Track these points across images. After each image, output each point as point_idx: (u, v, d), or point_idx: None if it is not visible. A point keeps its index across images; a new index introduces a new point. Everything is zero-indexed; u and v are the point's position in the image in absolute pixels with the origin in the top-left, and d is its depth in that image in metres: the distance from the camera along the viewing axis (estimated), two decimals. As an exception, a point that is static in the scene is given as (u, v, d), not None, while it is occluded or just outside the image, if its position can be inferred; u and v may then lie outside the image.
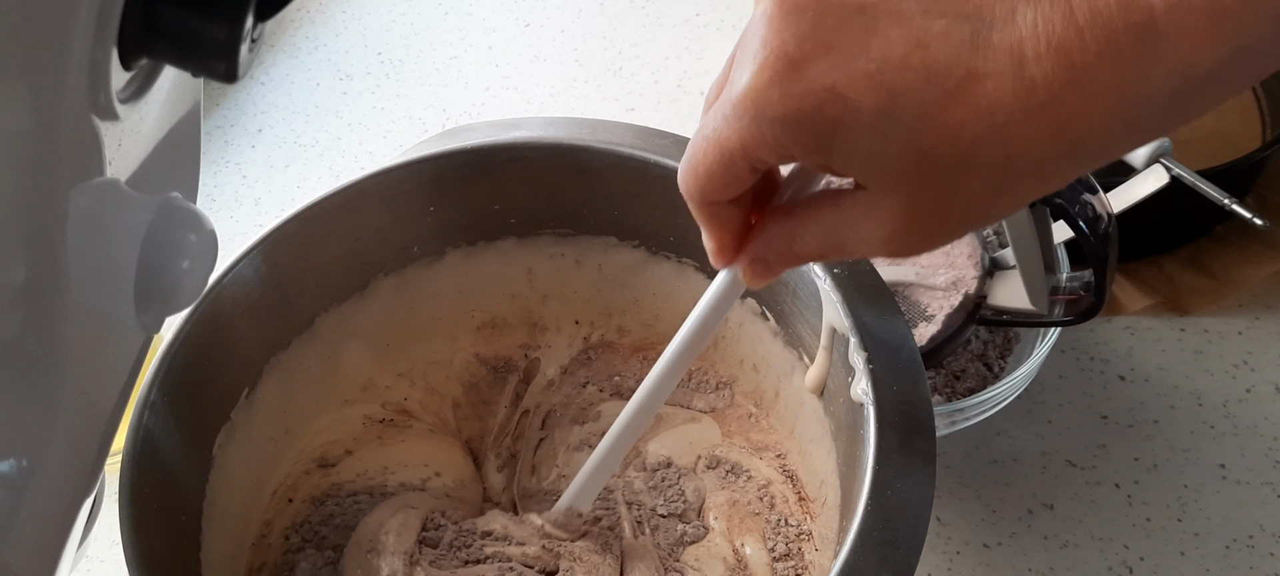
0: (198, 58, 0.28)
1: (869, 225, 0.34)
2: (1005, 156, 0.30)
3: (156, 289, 0.31)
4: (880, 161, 0.32)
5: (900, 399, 0.46)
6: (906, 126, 0.30)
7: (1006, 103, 0.29)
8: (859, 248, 0.35)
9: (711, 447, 0.59)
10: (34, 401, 0.29)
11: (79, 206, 0.28)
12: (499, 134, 0.57)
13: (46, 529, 0.31)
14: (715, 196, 0.37)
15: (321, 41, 0.98)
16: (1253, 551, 0.60)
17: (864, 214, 0.34)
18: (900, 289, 0.61)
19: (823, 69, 0.31)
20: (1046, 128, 0.30)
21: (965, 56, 0.30)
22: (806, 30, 0.31)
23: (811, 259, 0.38)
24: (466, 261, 0.60)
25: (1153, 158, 0.67)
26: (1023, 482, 0.63)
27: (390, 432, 0.60)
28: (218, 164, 0.88)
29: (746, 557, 0.54)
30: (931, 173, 0.31)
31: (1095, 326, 0.70)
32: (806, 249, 0.37)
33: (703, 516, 0.56)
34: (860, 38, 0.31)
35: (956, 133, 0.30)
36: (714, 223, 0.39)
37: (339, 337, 0.58)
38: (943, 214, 0.33)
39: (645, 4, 0.98)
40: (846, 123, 0.31)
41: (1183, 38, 0.28)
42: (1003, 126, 0.30)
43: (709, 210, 0.38)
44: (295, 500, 0.56)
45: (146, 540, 0.44)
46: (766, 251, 0.39)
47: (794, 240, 0.37)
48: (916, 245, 0.34)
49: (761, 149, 0.33)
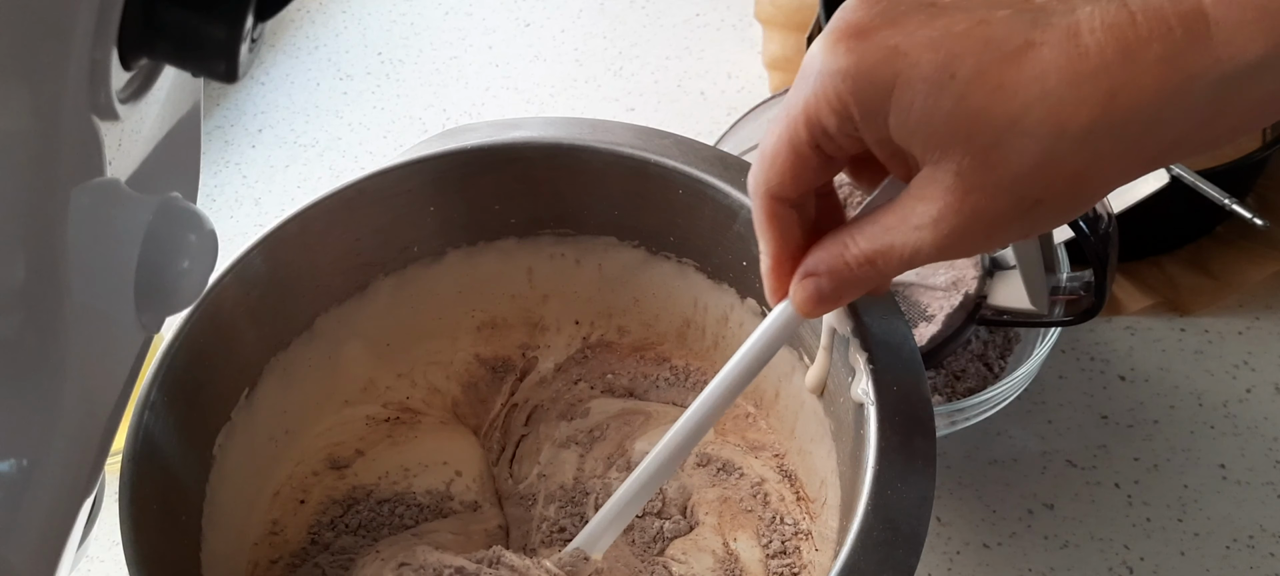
0: (198, 57, 0.28)
1: (918, 206, 0.34)
2: (1055, 123, 0.31)
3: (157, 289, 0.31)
4: (933, 118, 0.33)
5: (900, 399, 0.46)
6: (960, 83, 0.32)
7: (1059, 66, 0.31)
8: (909, 236, 0.35)
9: (701, 445, 0.59)
10: (34, 401, 0.29)
11: (79, 206, 0.28)
12: (499, 134, 0.57)
13: (47, 528, 0.31)
14: (779, 182, 0.37)
15: (321, 41, 0.98)
16: (1253, 551, 0.60)
17: (914, 197, 0.35)
18: (900, 289, 0.61)
19: (888, 34, 0.33)
20: (1097, 95, 0.31)
21: (1024, 30, 0.31)
22: (879, 10, 0.33)
23: (860, 265, 0.37)
24: (467, 261, 0.60)
25: (1153, 158, 0.67)
26: (1023, 482, 0.63)
27: (399, 431, 0.60)
28: (218, 164, 0.88)
29: (738, 553, 0.54)
30: (982, 133, 0.32)
31: (1095, 326, 0.70)
32: (856, 250, 0.37)
33: (690, 514, 0.56)
34: (927, 17, 0.33)
35: (1008, 94, 0.31)
36: (773, 225, 0.39)
37: (339, 337, 0.58)
38: (991, 188, 0.33)
39: (645, 4, 0.98)
40: (905, 78, 0.32)
41: (1231, 27, 0.30)
42: (1053, 90, 0.31)
43: (771, 209, 0.38)
44: (309, 502, 0.56)
45: (147, 540, 0.44)
46: (816, 262, 0.39)
47: (845, 246, 0.38)
48: (965, 228, 0.34)
49: (822, 108, 0.34)
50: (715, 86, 0.90)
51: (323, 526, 0.56)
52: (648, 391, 0.62)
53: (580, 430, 0.60)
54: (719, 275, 0.58)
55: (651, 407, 0.61)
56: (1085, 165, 0.32)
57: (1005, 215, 0.34)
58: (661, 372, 0.62)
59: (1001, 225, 0.34)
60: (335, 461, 0.58)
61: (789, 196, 0.38)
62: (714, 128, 0.82)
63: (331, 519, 0.56)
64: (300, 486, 0.57)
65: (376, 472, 0.58)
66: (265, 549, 0.55)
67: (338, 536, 0.55)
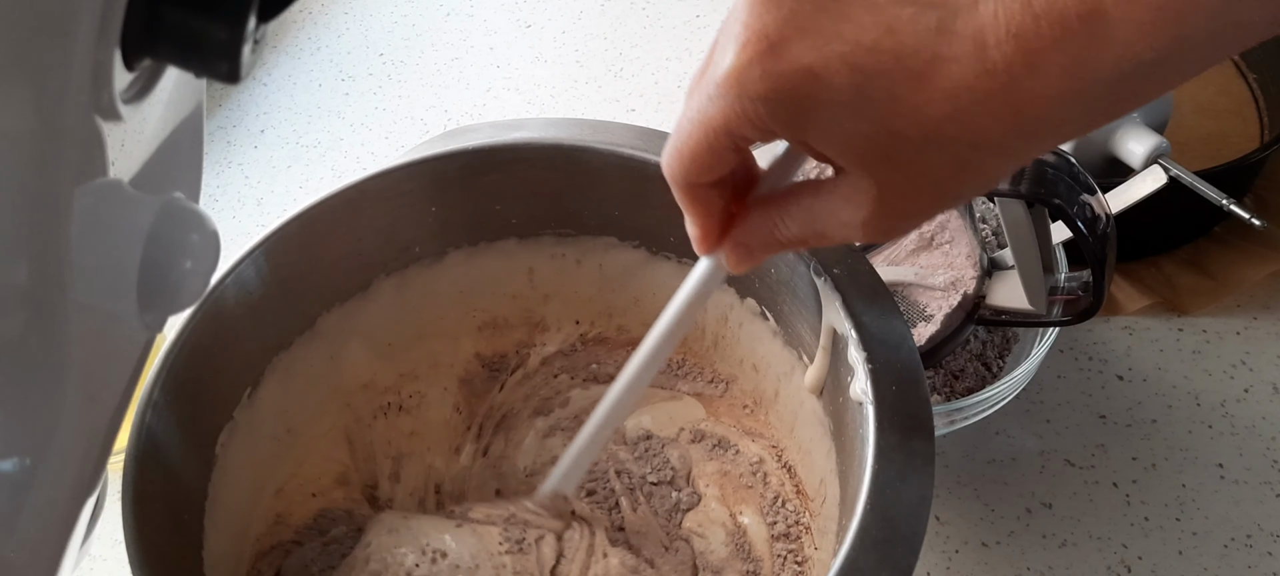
0: (200, 58, 0.28)
1: (847, 208, 0.36)
2: (969, 136, 0.32)
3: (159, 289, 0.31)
4: (853, 140, 0.33)
5: (899, 398, 0.46)
6: (877, 107, 0.32)
7: (970, 84, 0.31)
8: (838, 231, 0.37)
9: (695, 422, 0.60)
10: (37, 401, 0.29)
11: (82, 206, 0.28)
12: (500, 135, 0.57)
13: (49, 528, 0.31)
14: (698, 177, 0.38)
15: (324, 42, 0.98)
16: (1250, 550, 0.60)
17: (842, 198, 0.36)
18: (899, 289, 0.61)
19: (800, 50, 0.32)
20: (1006, 109, 0.31)
21: (931, 42, 0.31)
22: (785, 14, 0.33)
23: (793, 245, 0.39)
24: (468, 261, 0.61)
25: (1151, 158, 0.67)
26: (1021, 482, 0.64)
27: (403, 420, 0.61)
28: (220, 164, 0.88)
29: (745, 527, 0.55)
30: (901, 151, 0.33)
31: (1093, 326, 0.70)
32: (788, 234, 0.39)
33: (693, 483, 0.57)
34: (834, 23, 0.32)
35: (923, 113, 0.32)
36: (697, 206, 0.40)
37: (341, 337, 0.58)
38: (914, 193, 0.34)
39: (646, 5, 0.98)
40: (822, 101, 0.33)
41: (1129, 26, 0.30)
42: (966, 108, 0.31)
43: (692, 193, 0.39)
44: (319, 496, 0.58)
45: (149, 539, 0.44)
46: (749, 237, 0.40)
47: (776, 226, 0.39)
48: (892, 226, 0.36)
49: (744, 125, 0.35)
50: (715, 87, 0.90)
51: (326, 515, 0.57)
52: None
53: (563, 418, 0.61)
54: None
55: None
56: (1000, 165, 0.33)
57: (928, 209, 0.36)
58: None
59: (926, 215, 0.36)
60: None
61: (708, 182, 0.39)
62: (714, 128, 0.83)
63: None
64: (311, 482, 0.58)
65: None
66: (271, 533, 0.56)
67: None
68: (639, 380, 0.49)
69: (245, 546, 0.54)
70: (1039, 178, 0.53)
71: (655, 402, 0.61)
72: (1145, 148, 0.67)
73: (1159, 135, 0.68)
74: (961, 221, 0.61)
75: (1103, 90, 0.31)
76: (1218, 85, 0.80)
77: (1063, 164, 0.53)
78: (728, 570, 0.54)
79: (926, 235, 0.61)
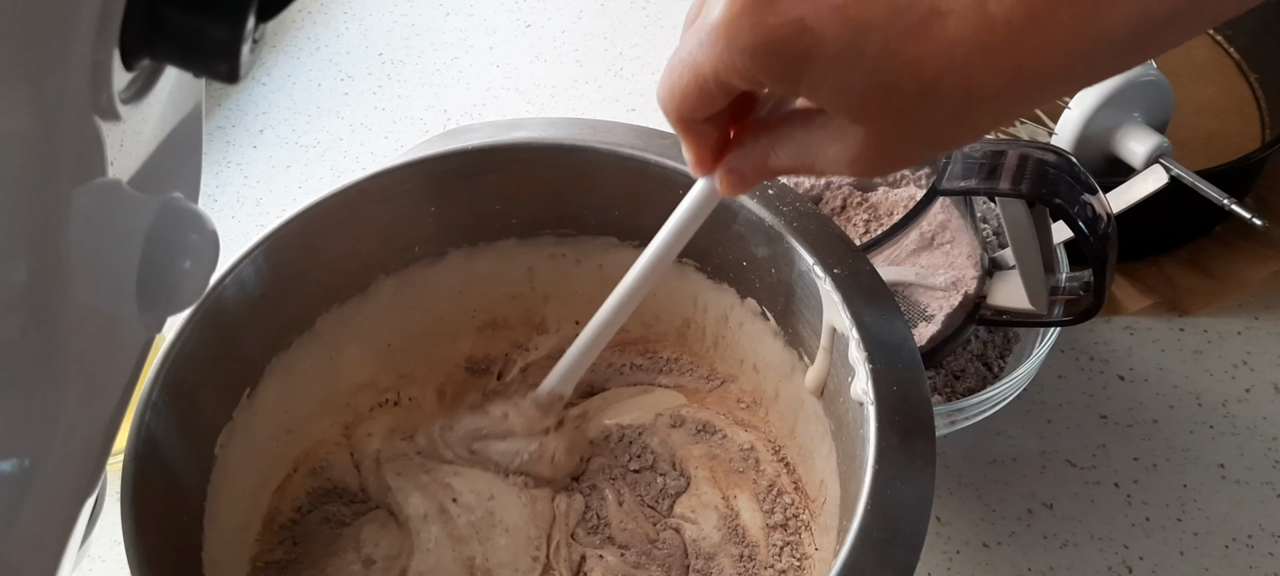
0: (199, 58, 0.28)
1: (836, 147, 0.36)
2: (965, 90, 0.31)
3: (158, 289, 0.31)
4: (845, 92, 0.33)
5: (900, 399, 0.46)
6: (870, 60, 0.32)
7: (967, 38, 0.31)
8: (827, 166, 0.37)
9: (674, 408, 0.60)
10: (36, 401, 0.29)
11: (81, 206, 0.28)
12: (500, 134, 0.57)
13: (49, 528, 0.31)
14: (691, 115, 0.38)
15: (323, 42, 0.98)
16: (1252, 551, 0.60)
17: (832, 137, 0.36)
18: (900, 289, 0.61)
19: (792, 2, 0.32)
20: (1005, 64, 0.31)
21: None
22: None
23: (783, 172, 0.40)
24: (467, 262, 0.61)
25: (1152, 158, 0.67)
26: (1022, 482, 0.63)
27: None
28: (219, 164, 0.88)
29: (738, 511, 0.55)
30: (894, 104, 0.33)
31: (1094, 326, 0.70)
32: (779, 164, 0.39)
33: (681, 468, 0.57)
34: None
35: (918, 67, 0.31)
36: (692, 137, 0.40)
37: (340, 338, 0.58)
38: (905, 140, 0.34)
39: (646, 5, 0.98)
40: (814, 54, 0.32)
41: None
42: (963, 62, 0.31)
43: (686, 126, 0.40)
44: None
45: (148, 539, 0.44)
46: (742, 164, 0.41)
47: (768, 155, 0.39)
48: (881, 167, 0.36)
49: (732, 75, 0.35)
50: (715, 87, 0.90)
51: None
52: (609, 380, 0.63)
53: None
54: (719, 275, 0.58)
55: (616, 387, 0.63)
56: (994, 118, 0.33)
57: (917, 156, 0.36)
58: (630, 359, 0.63)
59: (913, 161, 0.36)
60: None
61: (702, 118, 0.39)
62: (714, 128, 0.82)
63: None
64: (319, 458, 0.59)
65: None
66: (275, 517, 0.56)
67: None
68: (637, 287, 0.50)
69: (245, 546, 0.54)
70: (1040, 177, 0.53)
71: (625, 398, 0.61)
72: (1146, 147, 0.67)
73: (1160, 135, 0.68)
74: (962, 221, 0.61)
75: (1112, 48, 0.30)
76: (1219, 85, 0.79)
77: (1064, 164, 0.53)
78: (721, 555, 0.54)
79: (927, 235, 0.61)
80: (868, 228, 0.64)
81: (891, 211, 0.64)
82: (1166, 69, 0.69)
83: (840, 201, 0.66)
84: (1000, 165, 0.53)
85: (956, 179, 0.55)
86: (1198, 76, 0.79)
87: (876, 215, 0.65)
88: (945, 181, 0.55)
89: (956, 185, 0.55)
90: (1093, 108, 0.67)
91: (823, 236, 0.52)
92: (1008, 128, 0.76)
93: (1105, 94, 0.67)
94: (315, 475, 0.57)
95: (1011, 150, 0.54)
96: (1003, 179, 0.53)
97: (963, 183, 0.54)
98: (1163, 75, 0.69)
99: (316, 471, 0.58)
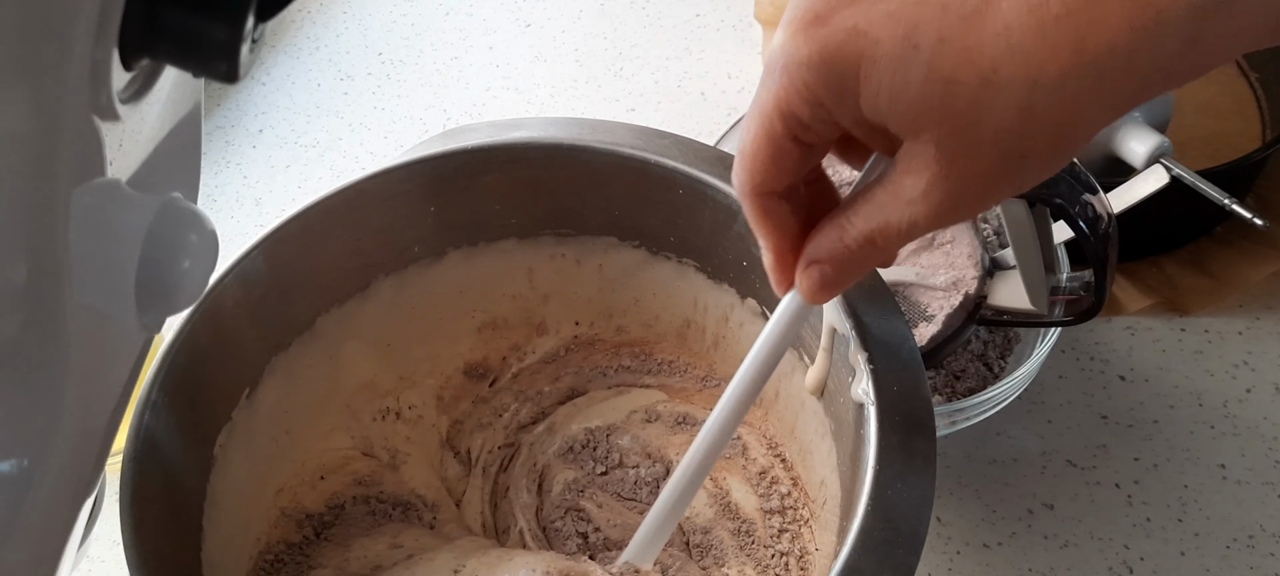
0: (199, 58, 0.28)
1: (907, 181, 0.34)
2: (1027, 75, 0.30)
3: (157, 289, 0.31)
4: (904, 93, 0.32)
5: (901, 399, 0.46)
6: (925, 54, 0.31)
7: (1021, 18, 0.30)
8: (902, 211, 0.35)
9: (649, 404, 0.60)
10: (35, 402, 0.29)
11: (80, 207, 0.28)
12: (500, 134, 0.57)
13: (47, 529, 0.31)
14: (763, 180, 0.37)
15: (322, 42, 0.98)
16: (1253, 551, 0.60)
17: (902, 172, 0.34)
18: (900, 289, 0.61)
19: (846, 15, 0.32)
20: (1065, 41, 0.30)
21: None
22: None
23: (860, 246, 0.37)
24: (467, 262, 0.60)
25: (1153, 158, 0.67)
26: (1023, 482, 0.63)
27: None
28: (219, 164, 0.88)
29: (729, 490, 0.55)
30: (955, 99, 0.31)
31: (1095, 326, 0.70)
32: (854, 232, 0.37)
33: (659, 456, 0.58)
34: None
35: (975, 55, 0.31)
36: (767, 222, 0.38)
37: (340, 338, 0.58)
38: (977, 149, 0.32)
39: (646, 5, 0.98)
40: (869, 57, 0.32)
41: None
42: (1019, 44, 0.30)
43: (761, 204, 0.38)
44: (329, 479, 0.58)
45: (147, 540, 0.44)
46: (817, 250, 0.38)
47: (843, 230, 0.37)
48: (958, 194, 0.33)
49: (793, 100, 0.34)
50: (715, 87, 0.90)
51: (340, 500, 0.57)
52: (591, 382, 0.63)
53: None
54: (719, 275, 0.58)
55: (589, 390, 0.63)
56: (1065, 112, 0.31)
57: (993, 175, 0.33)
58: (620, 361, 0.63)
59: (992, 185, 0.34)
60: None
61: (776, 189, 0.37)
62: (714, 128, 0.83)
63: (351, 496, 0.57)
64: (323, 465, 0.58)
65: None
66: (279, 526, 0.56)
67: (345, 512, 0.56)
68: (719, 439, 0.46)
69: (244, 547, 0.54)
70: (1041, 177, 0.52)
71: (598, 402, 0.61)
72: (1147, 147, 0.67)
73: (1161, 134, 0.67)
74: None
75: (1176, 24, 0.29)
76: (1219, 84, 0.79)
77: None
78: (717, 528, 0.54)
79: (927, 235, 0.61)
80: (868, 227, 0.64)
81: (892, 211, 0.64)
82: (1167, 69, 0.69)
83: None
84: (1001, 165, 0.53)
85: (957, 179, 0.54)
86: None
87: (877, 215, 0.65)
88: (946, 181, 0.55)
89: (957, 185, 0.54)
90: (1093, 107, 0.67)
91: (823, 236, 0.52)
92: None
93: (1106, 94, 0.67)
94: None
95: (1012, 150, 0.54)
96: (1003, 179, 0.53)
97: (963, 182, 0.54)
98: (1163, 75, 0.68)
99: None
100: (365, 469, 0.58)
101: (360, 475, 0.57)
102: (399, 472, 0.58)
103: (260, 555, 0.54)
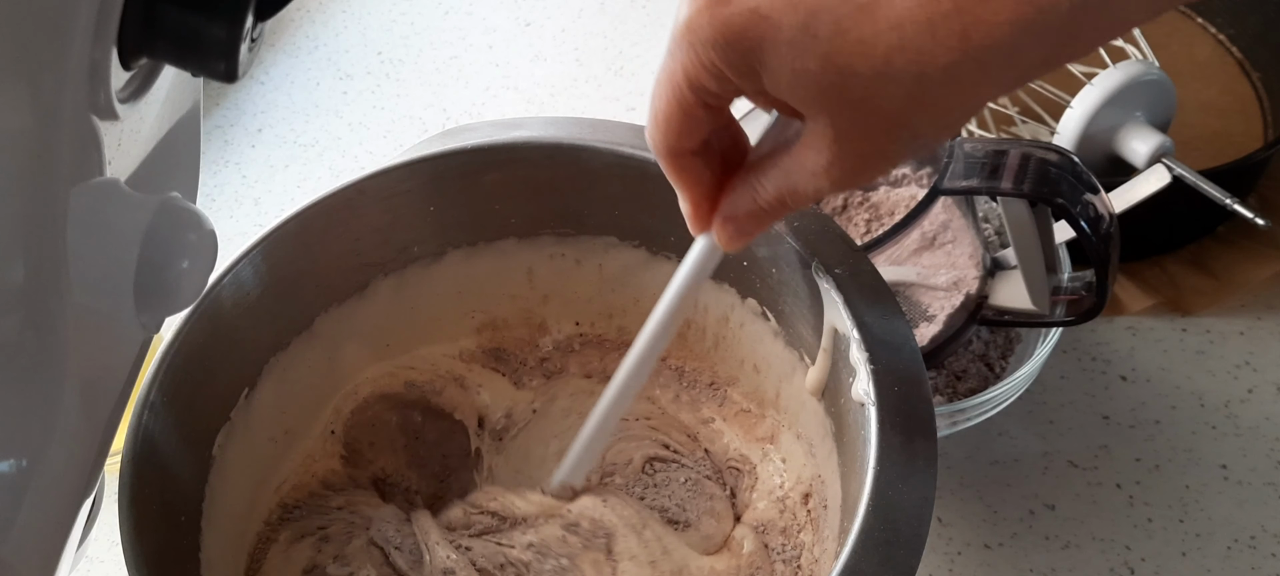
0: (198, 57, 0.28)
1: (810, 155, 0.36)
2: (917, 67, 0.32)
3: (156, 288, 0.31)
4: (804, 78, 0.34)
5: (901, 399, 0.46)
6: (823, 42, 0.33)
7: (913, 14, 0.31)
8: (807, 182, 0.37)
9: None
10: (34, 401, 0.29)
11: (79, 206, 0.28)
12: (499, 134, 0.57)
13: (46, 529, 0.31)
14: (676, 141, 0.39)
15: (321, 41, 0.98)
16: (1254, 552, 0.60)
17: (805, 146, 0.37)
18: (901, 289, 0.61)
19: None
20: (952, 35, 0.31)
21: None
22: None
23: (772, 206, 0.40)
24: (467, 261, 0.60)
25: (1155, 157, 0.67)
26: (1024, 483, 0.63)
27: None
28: (217, 163, 0.88)
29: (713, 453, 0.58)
30: (852, 87, 0.33)
31: (1097, 327, 0.70)
32: (766, 195, 0.40)
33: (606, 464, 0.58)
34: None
35: (870, 46, 0.32)
36: (684, 177, 0.41)
37: (339, 338, 0.58)
38: (869, 131, 0.35)
39: (646, 4, 0.98)
40: (769, 40, 0.34)
41: None
42: (912, 38, 0.32)
43: (677, 162, 0.40)
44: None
45: (146, 540, 0.43)
46: (734, 207, 0.41)
47: (755, 191, 0.40)
48: (855, 168, 0.36)
49: (700, 74, 0.36)
50: (716, 86, 0.90)
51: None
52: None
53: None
54: (719, 275, 0.58)
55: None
56: (952, 97, 0.33)
57: (888, 150, 0.36)
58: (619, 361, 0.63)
59: (888, 157, 0.36)
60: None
61: (690, 148, 0.40)
62: (714, 127, 0.82)
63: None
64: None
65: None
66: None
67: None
68: (641, 366, 0.49)
69: (243, 548, 0.54)
70: (1042, 177, 0.52)
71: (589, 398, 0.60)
72: (1149, 147, 0.67)
73: (1163, 134, 0.67)
74: (964, 221, 0.61)
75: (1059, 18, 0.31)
76: (1221, 84, 0.79)
77: (1066, 163, 0.53)
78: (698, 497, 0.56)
79: (929, 235, 0.61)
80: (869, 227, 0.64)
81: (893, 211, 0.64)
82: (1169, 68, 0.69)
83: (841, 201, 0.66)
84: (1002, 164, 0.53)
85: (958, 178, 0.54)
86: (1200, 76, 0.79)
87: (878, 215, 0.65)
88: (947, 181, 0.55)
89: (958, 184, 0.54)
90: (1095, 107, 0.67)
91: (823, 236, 0.52)
92: (1010, 127, 0.76)
93: (1107, 93, 0.67)
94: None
95: (1013, 149, 0.54)
96: (1005, 178, 0.53)
97: (964, 182, 0.54)
98: (1165, 74, 0.69)
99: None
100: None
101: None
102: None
103: (260, 555, 0.54)
